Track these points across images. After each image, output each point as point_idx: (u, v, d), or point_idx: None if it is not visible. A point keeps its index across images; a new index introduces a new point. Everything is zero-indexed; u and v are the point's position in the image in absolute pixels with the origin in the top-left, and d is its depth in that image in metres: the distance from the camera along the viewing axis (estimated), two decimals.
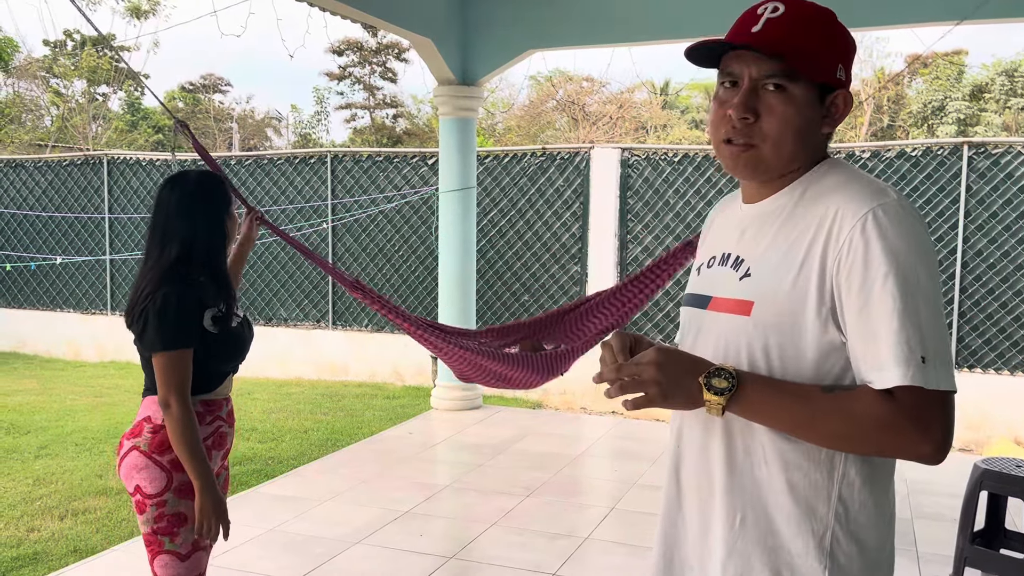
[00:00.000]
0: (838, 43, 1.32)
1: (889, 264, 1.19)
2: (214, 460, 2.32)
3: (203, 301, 2.26)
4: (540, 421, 6.71)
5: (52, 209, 9.73)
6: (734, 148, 1.33)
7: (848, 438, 1.23)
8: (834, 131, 1.37)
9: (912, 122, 21.18)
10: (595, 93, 21.57)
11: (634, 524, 4.37)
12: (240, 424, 6.57)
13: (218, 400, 2.36)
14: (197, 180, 2.35)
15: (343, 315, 8.69)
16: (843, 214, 1.25)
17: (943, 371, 1.19)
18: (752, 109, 1.30)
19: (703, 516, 1.39)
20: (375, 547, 4.01)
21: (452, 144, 6.73)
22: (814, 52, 1.29)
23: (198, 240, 2.29)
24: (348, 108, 24.96)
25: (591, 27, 6.23)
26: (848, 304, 1.23)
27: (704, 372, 1.25)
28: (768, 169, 1.34)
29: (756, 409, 1.25)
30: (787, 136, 1.30)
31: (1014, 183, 6.52)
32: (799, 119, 1.30)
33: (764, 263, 1.33)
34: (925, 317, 1.19)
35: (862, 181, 1.29)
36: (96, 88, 22.22)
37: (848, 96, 1.34)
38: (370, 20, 5.70)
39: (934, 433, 1.18)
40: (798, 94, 1.29)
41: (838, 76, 1.31)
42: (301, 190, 8.69)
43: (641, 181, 7.57)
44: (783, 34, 1.28)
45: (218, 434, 2.35)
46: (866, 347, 1.21)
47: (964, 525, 3.38)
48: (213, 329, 2.26)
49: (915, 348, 1.17)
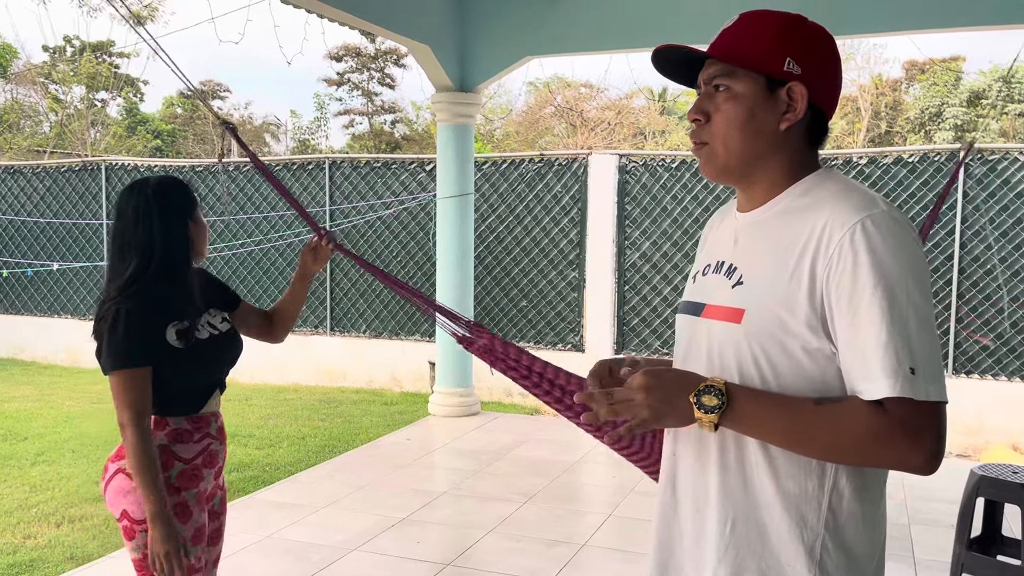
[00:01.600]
0: (790, 38, 1.33)
1: (878, 275, 1.20)
2: (206, 479, 2.22)
3: (163, 315, 2.12)
4: (538, 427, 6.71)
5: (50, 215, 9.73)
6: (694, 148, 1.41)
7: (840, 450, 1.23)
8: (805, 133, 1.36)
9: (910, 128, 21.22)
10: (593, 99, 21.61)
11: (632, 531, 4.37)
12: (237, 430, 6.57)
13: (206, 416, 2.25)
14: (155, 186, 2.20)
15: (341, 321, 8.69)
16: (833, 224, 1.25)
17: (933, 382, 1.19)
18: (703, 111, 1.37)
19: (698, 523, 1.39)
20: (372, 554, 4.01)
21: (450, 150, 6.74)
22: (755, 47, 1.32)
23: (156, 250, 2.14)
24: (347, 114, 24.99)
25: (588, 34, 6.25)
26: (837, 314, 1.23)
27: (693, 390, 1.25)
28: (725, 166, 1.38)
29: (748, 423, 1.26)
30: (732, 131, 1.34)
31: (1011, 189, 6.54)
32: (742, 113, 1.33)
33: (756, 271, 1.34)
34: (914, 328, 1.19)
35: (853, 191, 1.30)
36: (95, 94, 22.26)
37: (801, 89, 1.32)
38: (368, 27, 5.71)
39: (925, 444, 1.19)
40: (740, 90, 1.33)
41: (787, 69, 1.32)
42: (299, 196, 8.68)
43: (639, 187, 7.58)
44: (729, 38, 1.36)
45: (208, 452, 2.24)
46: (855, 358, 1.22)
47: (961, 531, 3.38)
48: (178, 344, 2.13)
49: (904, 359, 1.18)
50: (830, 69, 1.37)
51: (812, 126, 1.36)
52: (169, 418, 2.18)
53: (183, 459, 2.17)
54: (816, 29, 1.37)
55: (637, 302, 7.65)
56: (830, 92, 1.37)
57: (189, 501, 2.16)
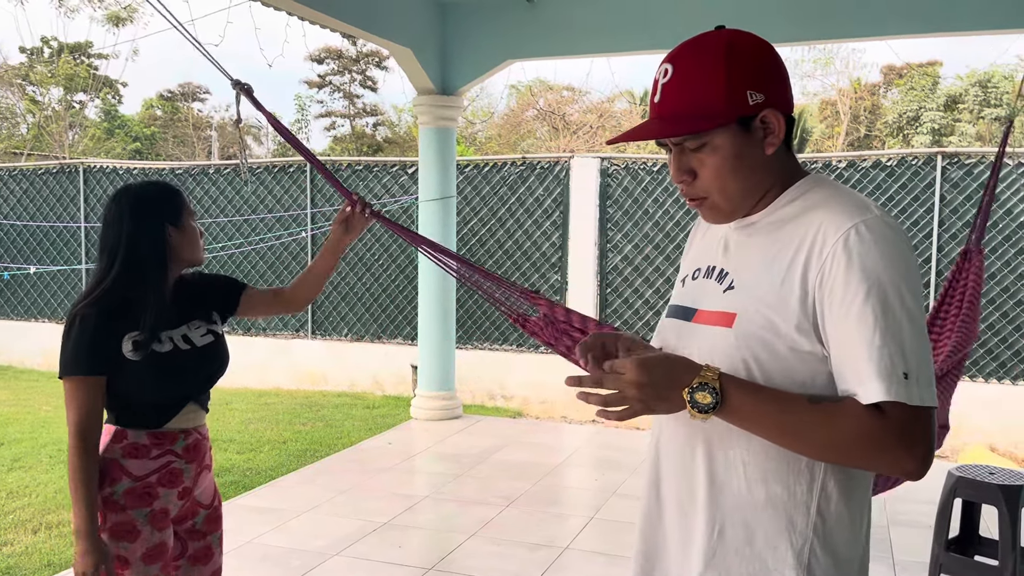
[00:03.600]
0: (737, 72, 1.27)
1: (871, 280, 1.20)
2: (163, 498, 2.09)
3: (121, 323, 2.03)
4: (520, 430, 6.71)
5: (27, 218, 9.63)
6: (692, 204, 1.40)
7: (833, 449, 1.23)
8: (782, 144, 1.34)
9: (888, 132, 21.40)
10: (575, 103, 21.65)
11: (614, 534, 4.37)
12: (218, 435, 6.52)
13: (170, 433, 2.12)
14: (134, 191, 2.14)
15: (322, 324, 8.64)
16: (826, 229, 1.25)
17: (925, 387, 1.19)
18: (687, 171, 1.35)
19: (684, 529, 1.39)
20: (353, 559, 3.99)
21: (432, 153, 6.73)
22: (711, 100, 1.28)
23: (120, 255, 2.07)
24: (328, 116, 24.90)
25: (569, 38, 6.26)
26: (830, 319, 1.23)
27: (687, 385, 1.24)
28: (732, 210, 1.38)
29: (742, 416, 1.25)
30: (727, 181, 1.33)
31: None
32: (731, 161, 1.32)
33: (747, 276, 1.34)
34: (907, 333, 1.20)
35: (845, 196, 1.30)
36: (73, 96, 22.04)
37: (773, 113, 1.30)
38: (349, 30, 5.70)
39: (918, 449, 1.19)
40: (719, 142, 1.30)
41: (753, 102, 1.28)
42: (280, 199, 8.65)
43: (620, 190, 7.60)
44: (675, 99, 1.32)
45: (168, 471, 2.11)
46: (848, 362, 1.22)
47: (939, 532, 3.41)
48: (133, 356, 2.03)
49: (897, 363, 1.18)
50: (781, 74, 1.34)
51: (787, 132, 1.35)
52: (129, 430, 2.09)
53: (133, 476, 2.07)
54: (750, 42, 1.32)
55: (619, 305, 7.66)
56: (788, 94, 1.35)
57: (137, 520, 2.06)
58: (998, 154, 3.49)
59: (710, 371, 1.24)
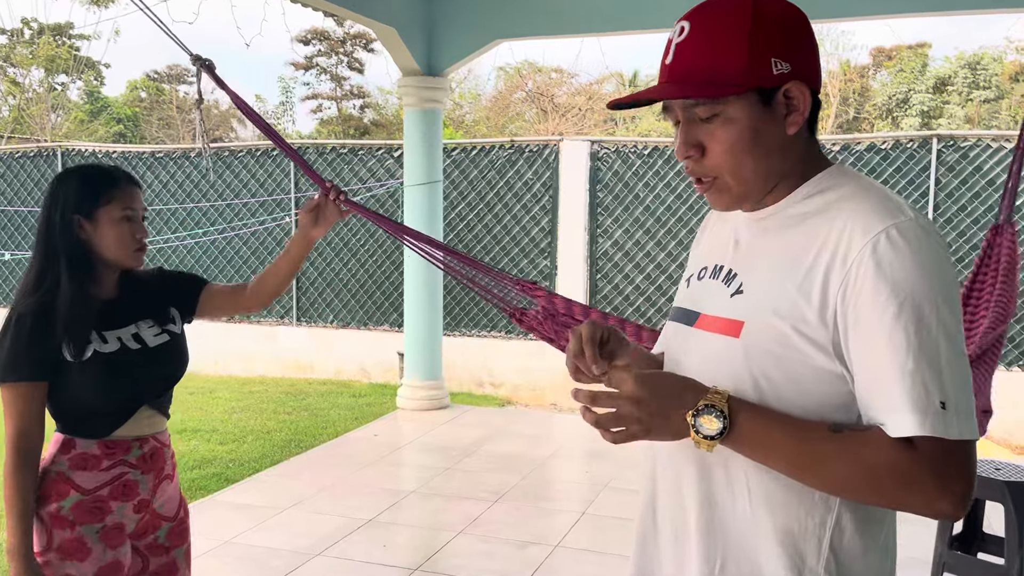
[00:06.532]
0: (762, 35, 1.12)
1: (903, 294, 1.04)
2: (117, 512, 1.93)
3: (58, 323, 1.84)
4: (509, 420, 6.58)
5: (4, 203, 9.40)
6: (700, 186, 1.22)
7: (856, 486, 1.08)
8: (806, 124, 1.19)
9: (877, 114, 21.32)
10: (564, 84, 21.44)
11: (606, 530, 4.25)
12: (201, 424, 6.37)
13: (122, 441, 1.94)
14: (59, 177, 1.94)
15: (308, 311, 8.48)
16: (852, 233, 1.09)
17: (965, 418, 1.03)
18: (695, 144, 1.17)
19: (678, 556, 1.24)
20: (336, 559, 3.85)
21: (417, 136, 6.55)
22: (731, 62, 1.12)
23: (55, 247, 1.89)
24: (314, 99, 24.59)
25: (558, 17, 6.09)
26: (855, 338, 1.07)
27: (691, 407, 1.08)
28: (743, 193, 1.20)
29: (752, 446, 1.10)
30: (740, 159, 1.16)
31: (983, 176, 6.50)
32: (747, 136, 1.14)
33: (758, 279, 1.18)
34: (945, 356, 1.03)
35: (875, 194, 1.13)
36: (54, 77, 21.66)
37: (799, 86, 1.14)
38: (331, 8, 5.50)
39: (955, 487, 1.03)
40: (735, 113, 1.14)
41: (775, 71, 1.12)
42: (264, 183, 8.46)
43: (611, 174, 7.45)
44: (689, 59, 1.14)
45: (122, 483, 1.94)
46: (876, 388, 1.06)
47: (942, 529, 3.32)
48: (70, 357, 1.86)
49: (933, 392, 1.02)
50: (812, 45, 1.18)
51: (812, 113, 1.19)
52: (78, 439, 1.92)
53: (82, 489, 1.90)
54: (780, 4, 1.16)
55: (609, 291, 7.53)
56: (818, 68, 1.20)
57: (87, 537, 1.89)
58: (1021, 135, 3.39)
59: (718, 393, 1.09)
